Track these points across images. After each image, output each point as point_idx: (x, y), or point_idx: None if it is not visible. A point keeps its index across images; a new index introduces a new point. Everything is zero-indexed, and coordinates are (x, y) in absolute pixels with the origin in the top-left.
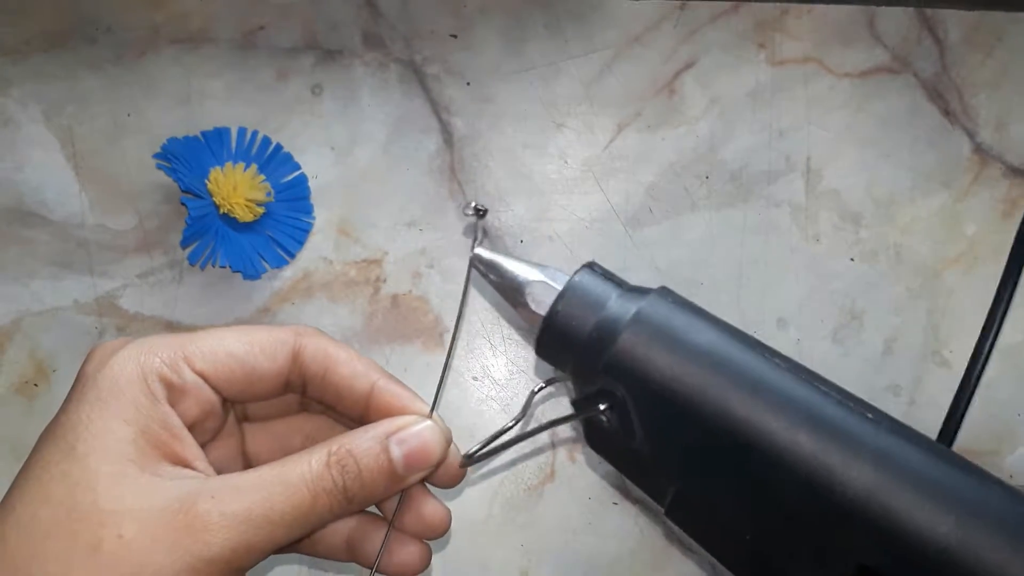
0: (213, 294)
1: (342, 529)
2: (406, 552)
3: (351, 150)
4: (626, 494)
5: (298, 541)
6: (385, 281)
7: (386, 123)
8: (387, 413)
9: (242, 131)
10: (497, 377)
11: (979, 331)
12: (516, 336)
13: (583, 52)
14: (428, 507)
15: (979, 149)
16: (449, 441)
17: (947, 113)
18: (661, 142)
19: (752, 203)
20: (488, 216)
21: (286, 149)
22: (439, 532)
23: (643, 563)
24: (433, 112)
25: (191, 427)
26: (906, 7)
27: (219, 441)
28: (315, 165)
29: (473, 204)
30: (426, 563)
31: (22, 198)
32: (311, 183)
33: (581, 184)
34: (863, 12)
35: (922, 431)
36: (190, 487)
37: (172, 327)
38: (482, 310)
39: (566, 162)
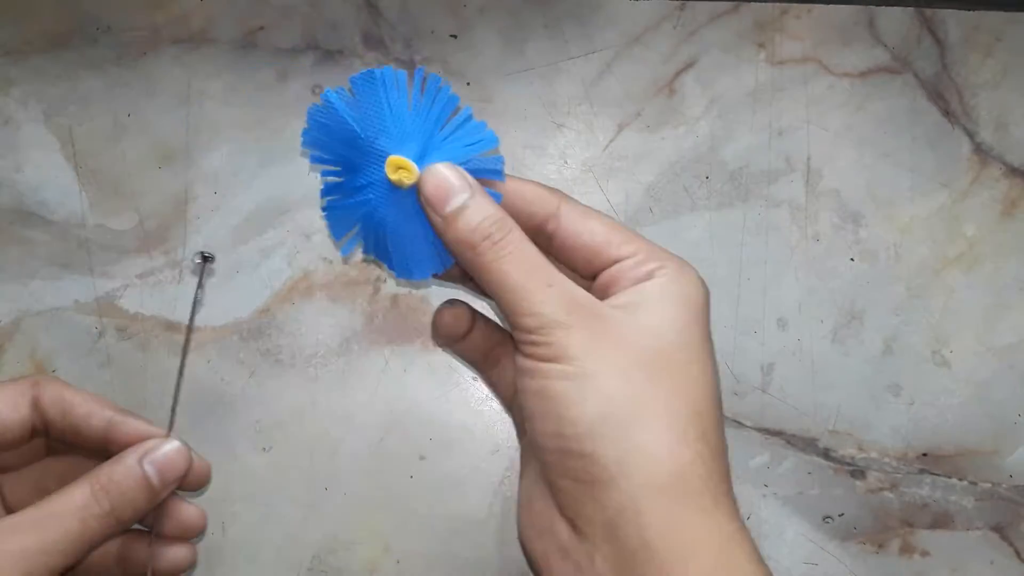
0: (212, 295)
1: (111, 549)
2: (173, 553)
3: None
4: None
5: (76, 565)
6: (385, 281)
7: None
8: (125, 443)
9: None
10: None
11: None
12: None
13: (583, 52)
14: (184, 512)
15: (979, 149)
16: (189, 453)
17: (947, 113)
18: (661, 142)
19: (752, 203)
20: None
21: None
22: (197, 530)
23: None
24: None
25: None
26: (906, 7)
27: None
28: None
29: (200, 252)
30: (193, 560)
31: (22, 198)
32: (311, 183)
33: (581, 184)
34: (863, 12)
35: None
36: None
37: (172, 327)
38: (482, 310)
39: (566, 162)
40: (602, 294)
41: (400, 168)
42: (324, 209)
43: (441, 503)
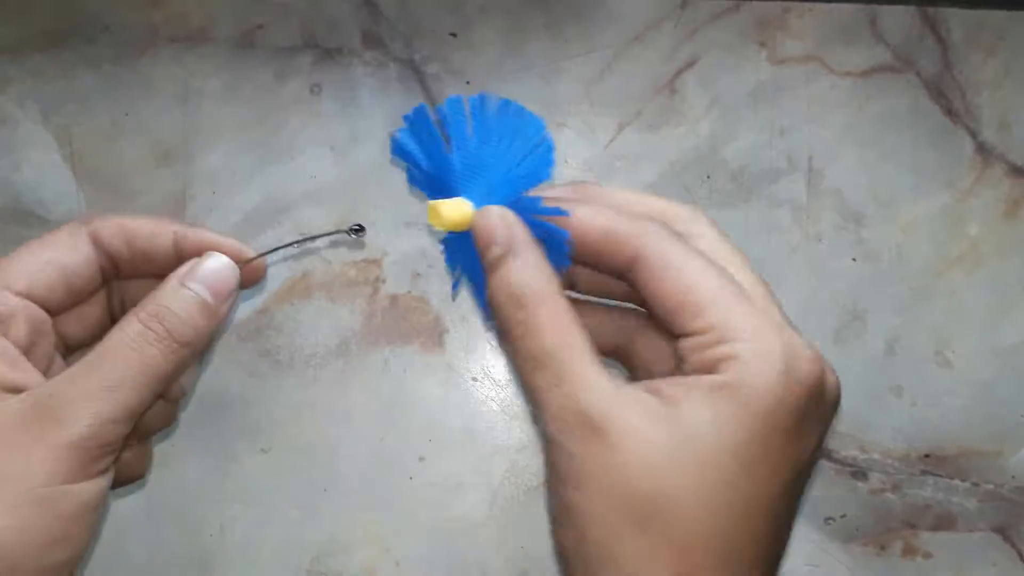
0: None
1: None
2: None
3: (350, 150)
4: None
5: (156, 398)
6: (384, 281)
7: (385, 122)
8: (197, 255)
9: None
10: (497, 378)
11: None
12: None
13: (583, 51)
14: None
15: (981, 148)
16: (234, 265)
17: (949, 112)
18: (662, 142)
19: (753, 203)
20: None
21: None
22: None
23: None
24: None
25: (27, 352)
26: (908, 6)
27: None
28: (314, 165)
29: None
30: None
31: (19, 197)
32: (310, 182)
33: None
34: (865, 11)
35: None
36: (33, 397)
37: None
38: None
39: (567, 162)
40: (678, 365)
41: (436, 214)
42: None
43: (440, 505)
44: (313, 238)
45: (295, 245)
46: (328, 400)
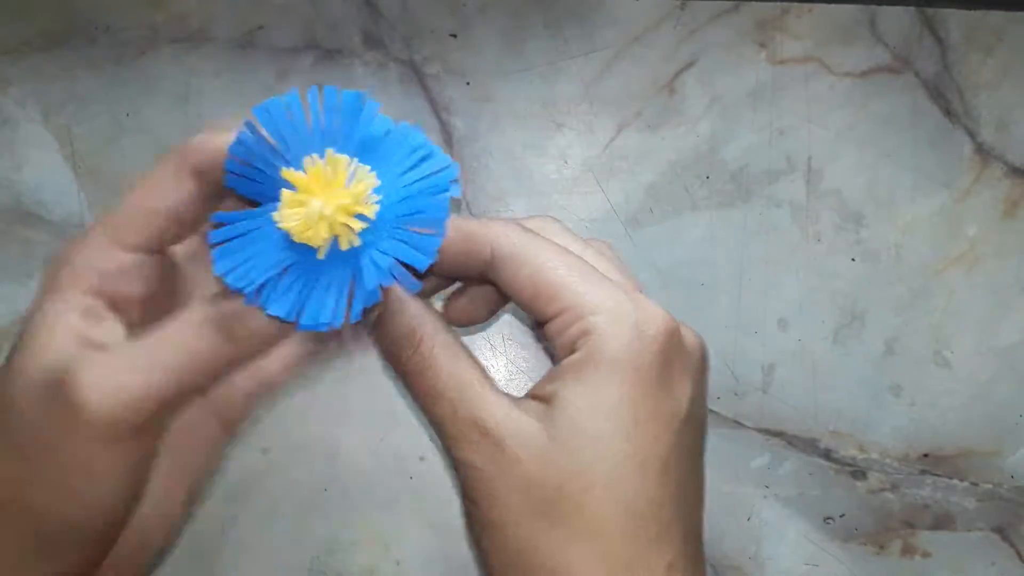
0: None
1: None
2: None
3: None
4: None
5: (199, 389)
6: None
7: None
8: None
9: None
10: (497, 378)
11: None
12: (516, 336)
13: (583, 52)
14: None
15: (980, 149)
16: None
17: (948, 113)
18: (661, 142)
19: (753, 203)
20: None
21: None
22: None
23: None
24: (433, 112)
25: (147, 302)
26: (907, 6)
27: None
28: None
29: None
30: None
31: (20, 198)
32: None
33: (581, 184)
34: (864, 11)
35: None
36: (66, 368)
37: None
38: None
39: (566, 162)
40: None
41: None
42: None
43: (441, 504)
44: None
45: None
46: (328, 400)
